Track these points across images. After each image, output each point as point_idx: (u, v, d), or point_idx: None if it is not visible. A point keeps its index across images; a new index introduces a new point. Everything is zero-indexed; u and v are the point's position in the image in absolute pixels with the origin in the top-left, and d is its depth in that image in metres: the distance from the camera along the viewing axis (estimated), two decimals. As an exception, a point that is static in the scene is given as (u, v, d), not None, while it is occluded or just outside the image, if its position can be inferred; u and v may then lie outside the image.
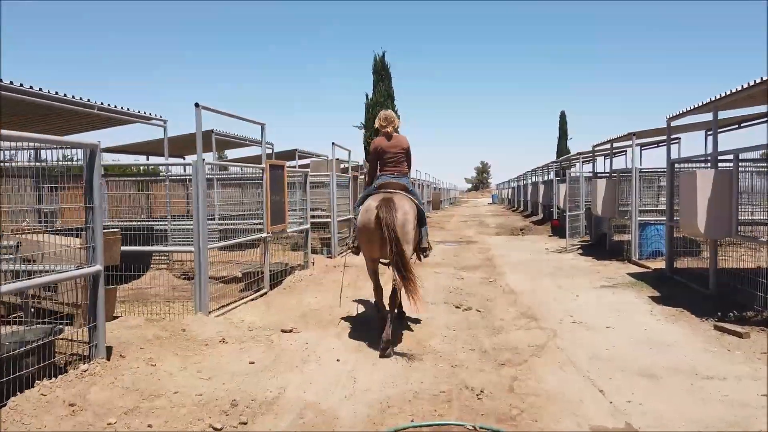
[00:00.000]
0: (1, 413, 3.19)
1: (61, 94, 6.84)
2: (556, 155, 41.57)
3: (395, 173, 5.43)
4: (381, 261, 5.40)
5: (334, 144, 10.88)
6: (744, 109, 8.53)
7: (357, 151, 24.08)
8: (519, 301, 6.91)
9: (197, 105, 5.63)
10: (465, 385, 3.96)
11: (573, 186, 13.34)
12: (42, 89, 6.51)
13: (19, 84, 6.19)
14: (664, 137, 11.61)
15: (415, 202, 5.23)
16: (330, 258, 10.60)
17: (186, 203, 8.94)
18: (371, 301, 6.84)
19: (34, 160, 4.98)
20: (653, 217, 10.47)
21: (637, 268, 9.14)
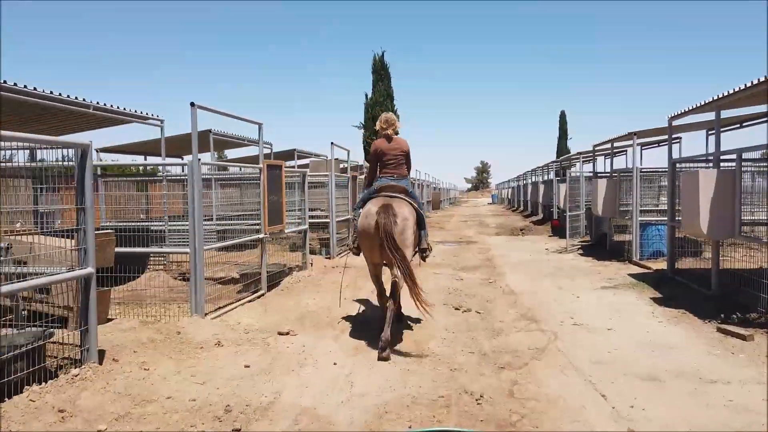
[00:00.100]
0: (-12, 420, 3.11)
1: (56, 93, 6.74)
2: (556, 155, 41.50)
3: (395, 176, 5.45)
4: (384, 264, 5.37)
5: (332, 144, 10.80)
6: (745, 109, 8.45)
7: (356, 151, 24.03)
8: (519, 302, 6.83)
9: (193, 104, 5.56)
10: (464, 390, 3.88)
11: (573, 186, 13.27)
12: (36, 88, 6.41)
13: (13, 83, 6.10)
14: (665, 137, 11.55)
15: (415, 206, 5.25)
16: (329, 259, 10.52)
17: (183, 204, 8.86)
18: (370, 302, 6.79)
19: (28, 161, 4.91)
20: (654, 218, 10.40)
21: (638, 269, 9.06)
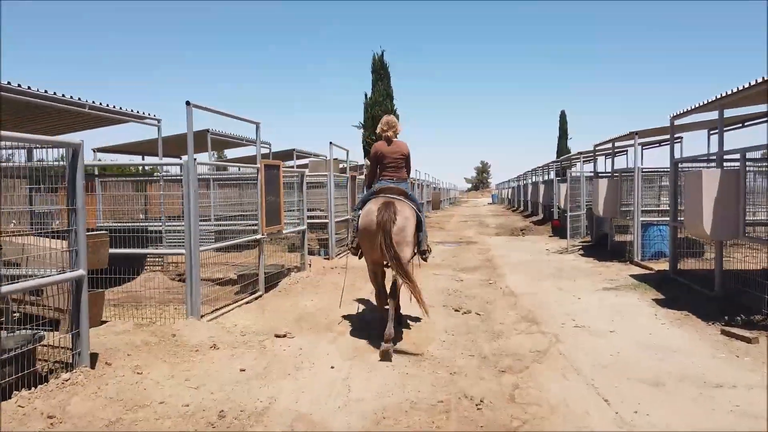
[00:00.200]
0: (-25, 426, 3.03)
1: (50, 92, 6.66)
2: (556, 155, 41.44)
3: (394, 178, 5.46)
4: (384, 264, 5.34)
5: (331, 143, 10.72)
6: (746, 109, 8.37)
7: (356, 151, 23.93)
8: (519, 303, 6.75)
9: (188, 103, 5.47)
10: (464, 394, 3.80)
11: (574, 186, 13.18)
12: (30, 87, 6.33)
13: (6, 82, 6.02)
14: (666, 136, 11.49)
15: (414, 208, 5.26)
16: (327, 259, 10.43)
17: (181, 204, 8.75)
18: (369, 303, 6.70)
19: (25, 161, 4.83)
20: (654, 218, 10.31)
21: (639, 270, 8.98)
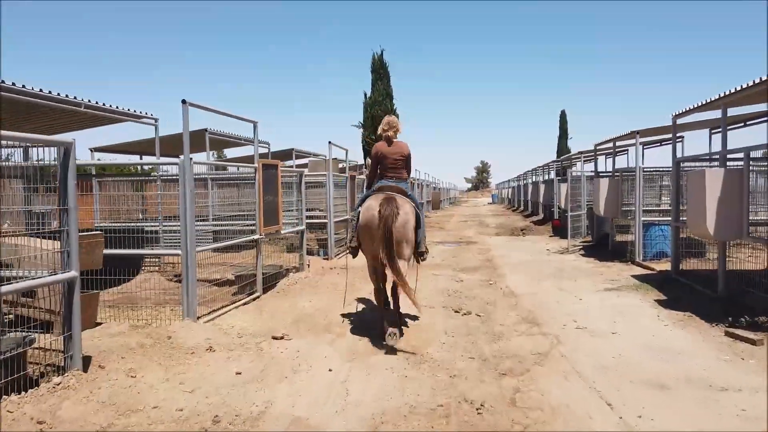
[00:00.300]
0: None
1: (45, 90, 6.58)
2: (557, 154, 41.34)
3: (394, 178, 5.53)
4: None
5: (330, 143, 10.64)
6: (748, 108, 8.27)
7: (355, 151, 23.83)
8: (520, 304, 6.67)
9: (184, 102, 5.40)
10: (464, 398, 3.72)
11: (575, 185, 13.10)
12: (25, 86, 6.25)
13: (0, 81, 5.94)
14: (667, 136, 11.42)
15: (414, 206, 5.29)
16: (326, 260, 10.36)
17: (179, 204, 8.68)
18: (368, 304, 6.62)
19: (21, 160, 4.74)
20: (655, 218, 10.23)
21: (641, 270, 8.90)
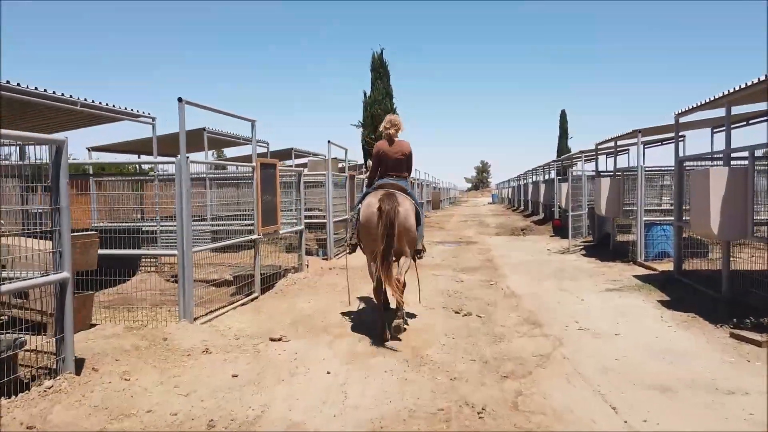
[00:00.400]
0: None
1: (41, 89, 6.48)
2: (557, 154, 41.21)
3: (395, 176, 5.59)
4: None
5: (329, 142, 10.56)
6: (750, 107, 8.17)
7: (355, 150, 23.74)
8: (521, 305, 6.59)
9: (180, 99, 5.32)
10: (465, 402, 3.64)
11: (575, 185, 13.02)
12: (20, 84, 6.16)
13: (-5, 79, 5.86)
14: (669, 135, 11.32)
15: (413, 203, 5.37)
16: (326, 260, 10.28)
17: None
18: (368, 305, 6.53)
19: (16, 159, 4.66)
20: (656, 217, 10.15)
21: (643, 270, 8.82)
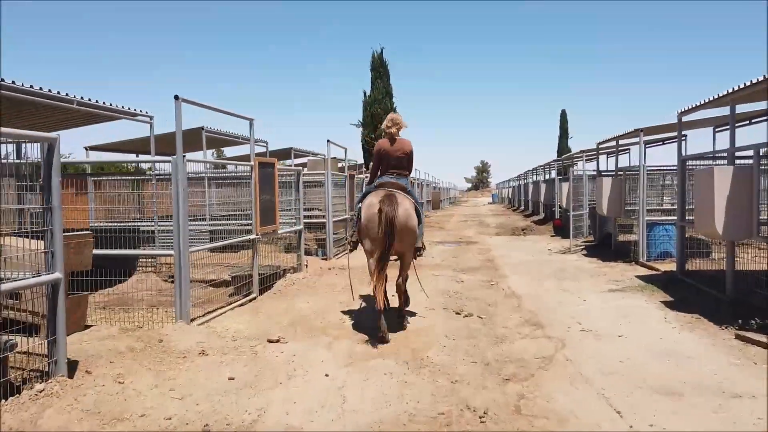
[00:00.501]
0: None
1: (36, 87, 6.40)
2: (557, 154, 41.20)
3: (395, 175, 5.63)
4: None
5: (329, 141, 10.48)
6: (751, 106, 8.08)
7: (354, 150, 23.70)
8: (522, 306, 6.51)
9: (177, 97, 5.23)
10: (466, 405, 3.56)
11: (576, 185, 12.94)
12: (14, 82, 6.08)
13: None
14: (670, 134, 11.24)
15: (413, 202, 5.42)
16: (325, 260, 10.20)
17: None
18: (367, 306, 6.45)
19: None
20: (657, 217, 10.07)
21: (645, 270, 8.74)
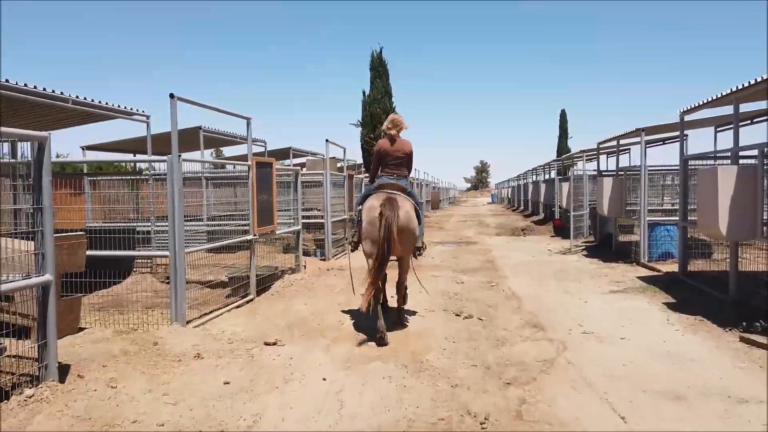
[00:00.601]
0: None
1: (30, 86, 6.31)
2: (557, 154, 41.03)
3: (395, 175, 5.62)
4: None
5: (327, 141, 10.39)
6: (751, 105, 7.99)
7: (354, 149, 23.61)
8: (523, 307, 6.43)
9: (172, 96, 5.15)
10: (467, 410, 3.48)
11: (577, 185, 12.86)
12: (8, 80, 5.99)
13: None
14: (671, 134, 11.17)
15: (413, 203, 5.45)
16: (323, 260, 10.11)
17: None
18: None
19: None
20: (658, 217, 9.99)
21: (646, 271, 8.66)
